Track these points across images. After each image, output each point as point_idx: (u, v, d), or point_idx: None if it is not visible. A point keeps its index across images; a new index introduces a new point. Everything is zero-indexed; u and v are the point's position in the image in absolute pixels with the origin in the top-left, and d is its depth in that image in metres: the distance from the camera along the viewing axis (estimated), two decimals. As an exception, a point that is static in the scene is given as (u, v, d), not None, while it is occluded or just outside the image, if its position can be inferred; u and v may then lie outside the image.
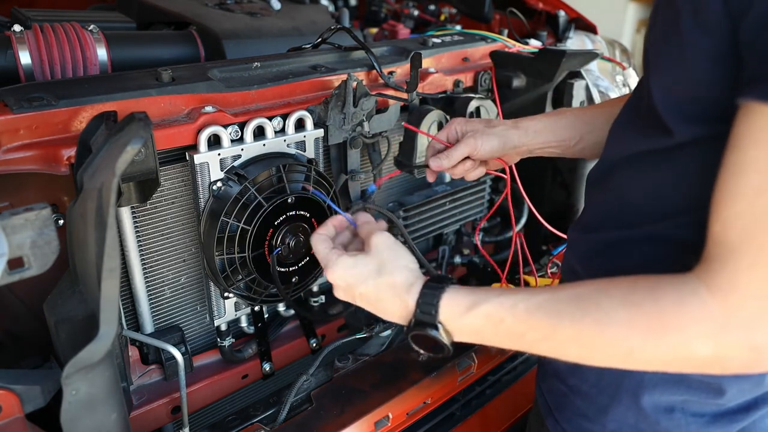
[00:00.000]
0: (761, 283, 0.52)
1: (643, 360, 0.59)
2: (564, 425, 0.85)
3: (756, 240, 0.52)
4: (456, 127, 1.01)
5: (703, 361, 0.56)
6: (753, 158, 0.51)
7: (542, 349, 0.65)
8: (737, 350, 0.55)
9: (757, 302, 0.53)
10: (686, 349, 0.56)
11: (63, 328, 0.73)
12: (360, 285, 0.73)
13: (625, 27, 4.65)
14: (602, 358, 0.62)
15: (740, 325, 0.53)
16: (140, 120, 0.66)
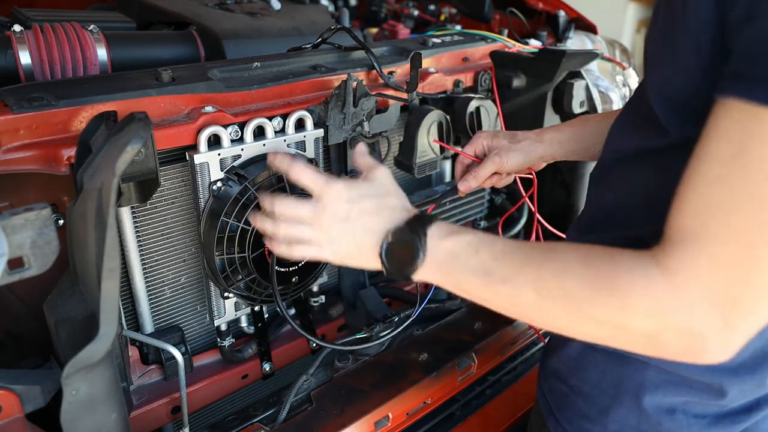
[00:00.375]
0: (706, 271, 0.53)
1: (587, 320, 0.60)
2: (565, 426, 0.85)
3: (707, 228, 0.53)
4: (482, 141, 1.04)
5: (640, 337, 0.57)
6: (715, 149, 0.52)
7: (500, 292, 0.66)
8: (673, 333, 0.55)
9: (700, 288, 0.53)
10: (626, 319, 0.57)
11: (63, 328, 0.73)
12: (364, 200, 0.75)
13: (625, 27, 4.65)
14: (552, 309, 0.62)
15: (680, 308, 0.54)
16: (140, 120, 0.66)
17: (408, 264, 0.71)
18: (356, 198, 0.75)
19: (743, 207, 0.51)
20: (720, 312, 0.53)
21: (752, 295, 0.53)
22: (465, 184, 1.03)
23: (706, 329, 0.54)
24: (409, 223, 0.72)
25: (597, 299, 0.58)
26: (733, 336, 0.54)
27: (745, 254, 0.51)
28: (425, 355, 1.12)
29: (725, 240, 0.52)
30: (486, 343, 1.19)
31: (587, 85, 1.40)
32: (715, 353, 0.55)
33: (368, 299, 1.26)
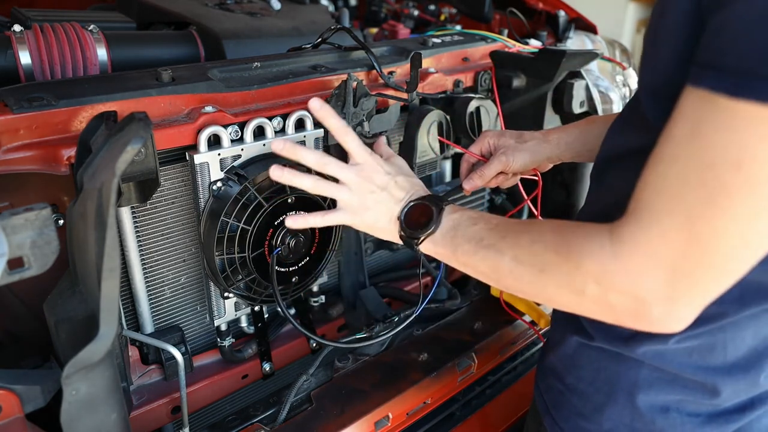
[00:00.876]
0: (654, 242, 0.56)
1: (549, 284, 0.65)
2: (561, 424, 0.85)
3: (659, 203, 0.56)
4: (489, 140, 1.04)
5: (593, 302, 0.62)
6: (675, 131, 0.55)
7: (486, 257, 0.73)
8: (620, 298, 0.59)
9: (645, 257, 0.57)
10: (579, 284, 0.61)
11: (63, 328, 0.73)
12: (398, 176, 0.85)
13: (625, 27, 4.65)
14: (524, 273, 0.68)
15: (625, 274, 0.58)
16: (140, 120, 0.66)
17: (421, 228, 0.80)
18: (393, 172, 0.86)
19: (693, 186, 0.53)
20: (662, 281, 0.56)
21: (695, 269, 0.55)
22: (470, 183, 1.03)
23: (649, 296, 0.57)
24: (430, 196, 0.83)
25: (557, 263, 0.64)
26: (675, 306, 0.57)
27: (692, 230, 0.54)
28: (425, 355, 1.12)
29: (674, 215, 0.55)
30: (486, 343, 1.19)
31: (587, 85, 1.40)
32: (660, 320, 0.59)
33: (368, 299, 1.26)
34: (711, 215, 0.53)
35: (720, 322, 0.70)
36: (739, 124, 0.50)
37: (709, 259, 0.55)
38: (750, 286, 0.67)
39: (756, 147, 0.50)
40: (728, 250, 0.54)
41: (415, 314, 1.08)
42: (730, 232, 0.53)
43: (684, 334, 0.71)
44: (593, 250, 0.60)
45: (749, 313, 0.69)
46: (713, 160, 0.52)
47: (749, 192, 0.51)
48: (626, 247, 0.58)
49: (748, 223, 0.53)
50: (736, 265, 0.56)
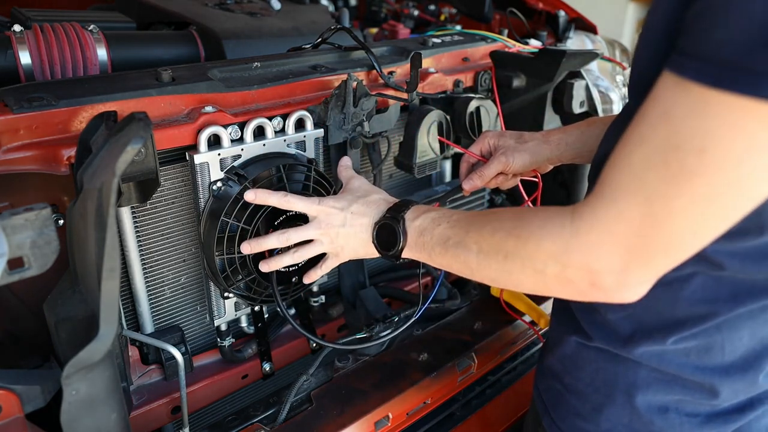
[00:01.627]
0: (611, 219, 0.58)
1: (514, 268, 0.67)
2: (559, 424, 0.85)
3: (621, 182, 0.57)
4: (489, 140, 1.04)
5: (554, 279, 0.63)
6: (649, 113, 0.56)
7: (455, 255, 0.75)
8: (578, 273, 0.61)
9: (601, 233, 0.58)
10: (540, 263, 0.64)
11: (63, 328, 0.73)
12: (352, 205, 0.89)
13: (625, 27, 4.65)
14: (490, 262, 0.70)
15: (581, 249, 0.60)
16: (140, 120, 0.66)
17: (393, 244, 0.84)
18: (346, 206, 0.89)
19: (656, 167, 0.55)
20: (617, 256, 0.58)
21: (649, 246, 0.57)
22: (470, 183, 1.03)
23: (603, 267, 0.59)
24: (390, 211, 0.86)
25: (518, 246, 0.66)
26: (628, 277, 0.59)
27: (649, 208, 0.55)
28: (425, 355, 1.12)
29: (634, 193, 0.56)
30: (486, 343, 1.19)
31: (587, 85, 1.40)
32: (613, 290, 0.61)
33: (368, 299, 1.26)
34: (670, 195, 0.54)
35: (714, 321, 0.70)
36: (709, 113, 0.51)
37: (664, 238, 0.56)
38: (743, 284, 0.67)
39: (723, 135, 0.51)
40: (682, 231, 0.56)
41: (415, 317, 1.08)
42: (687, 213, 0.55)
43: (681, 334, 0.71)
44: (552, 229, 0.62)
45: (744, 311, 0.69)
46: (679, 143, 0.53)
47: (709, 177, 0.52)
48: (585, 224, 0.60)
49: (705, 206, 0.54)
50: (688, 245, 0.58)
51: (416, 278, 1.42)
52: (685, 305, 0.70)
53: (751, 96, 0.48)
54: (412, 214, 0.83)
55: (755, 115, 0.49)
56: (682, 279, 0.69)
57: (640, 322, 0.74)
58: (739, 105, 0.49)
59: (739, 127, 0.50)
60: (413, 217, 0.83)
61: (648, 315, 0.73)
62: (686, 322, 0.71)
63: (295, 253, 0.92)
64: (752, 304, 0.69)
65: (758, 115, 0.49)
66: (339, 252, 0.91)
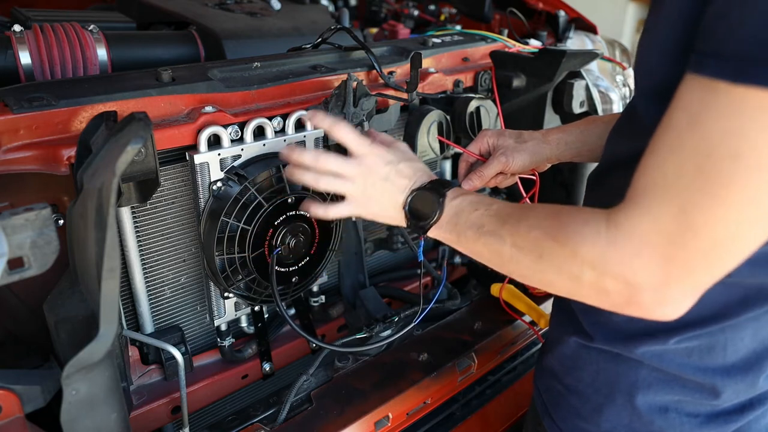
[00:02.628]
0: (648, 229, 0.56)
1: (548, 269, 0.66)
2: (560, 424, 0.85)
3: (656, 190, 0.56)
4: (487, 140, 1.04)
5: (589, 287, 0.62)
6: (675, 119, 0.55)
7: (487, 243, 0.74)
8: (614, 283, 0.59)
9: (639, 243, 0.57)
10: (576, 268, 0.62)
11: (63, 328, 0.73)
12: (400, 163, 0.85)
13: (625, 27, 4.65)
14: (523, 258, 0.69)
15: (619, 260, 0.58)
16: (140, 120, 0.66)
17: (426, 217, 0.81)
18: (394, 161, 0.85)
19: (690, 175, 0.53)
20: (655, 268, 0.56)
21: (688, 257, 0.55)
22: (469, 184, 1.02)
23: (643, 282, 0.57)
24: (433, 183, 0.83)
25: (555, 248, 0.64)
26: (667, 292, 0.57)
27: (686, 218, 0.54)
28: (425, 355, 1.12)
29: (669, 203, 0.55)
30: (486, 343, 1.19)
31: (587, 85, 1.40)
32: (652, 306, 0.59)
33: (368, 299, 1.26)
34: (706, 204, 0.53)
35: (721, 324, 0.70)
36: (739, 112, 0.50)
37: (703, 248, 0.55)
38: (752, 288, 0.67)
39: (756, 137, 0.49)
40: (722, 240, 0.54)
41: (415, 322, 1.08)
42: (725, 221, 0.53)
43: (684, 335, 0.71)
44: (589, 235, 0.61)
45: (751, 315, 0.69)
46: (711, 149, 0.52)
47: (745, 182, 0.51)
48: (621, 233, 0.58)
49: (743, 212, 0.53)
50: (729, 254, 0.56)
51: (416, 278, 1.42)
52: (693, 309, 0.70)
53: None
54: (452, 193, 0.81)
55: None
56: None
57: (644, 323, 0.74)
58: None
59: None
60: (453, 196, 0.81)
61: None
62: (692, 324, 0.70)
63: (320, 179, 0.84)
64: (759, 308, 0.68)
65: None
66: (365, 203, 0.85)
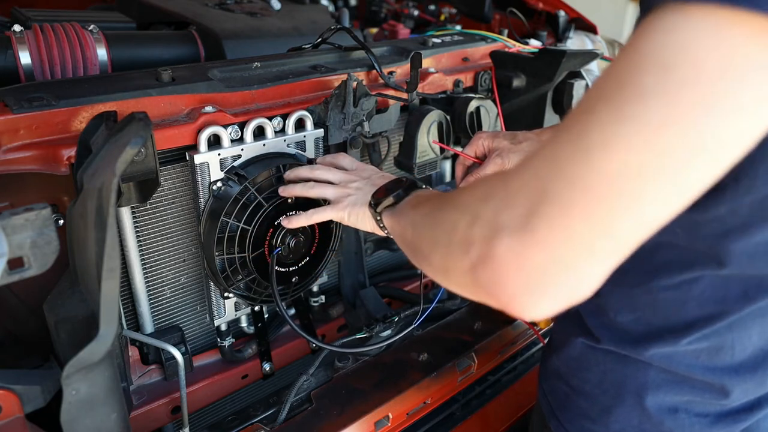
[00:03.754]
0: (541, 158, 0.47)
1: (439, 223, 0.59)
2: (567, 426, 0.85)
3: (568, 119, 0.47)
4: (483, 142, 1.04)
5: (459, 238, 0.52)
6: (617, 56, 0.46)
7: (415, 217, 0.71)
8: (480, 228, 0.49)
9: (527, 175, 0.47)
10: (456, 214, 0.54)
11: (63, 328, 0.73)
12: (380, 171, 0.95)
13: (625, 27, 4.65)
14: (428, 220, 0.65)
15: (501, 195, 0.49)
16: (140, 120, 0.66)
17: (384, 196, 0.82)
18: (382, 172, 0.95)
19: (606, 96, 0.43)
20: (527, 205, 0.45)
21: (567, 195, 0.44)
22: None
23: (506, 222, 0.46)
24: (404, 179, 0.85)
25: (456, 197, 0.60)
26: (528, 243, 0.45)
27: (581, 144, 0.43)
28: (425, 355, 1.12)
29: (572, 127, 0.45)
30: (486, 343, 1.19)
31: (587, 85, 1.40)
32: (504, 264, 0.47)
33: (368, 299, 1.26)
34: (609, 120, 0.42)
35: (727, 320, 0.69)
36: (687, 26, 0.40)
37: (590, 180, 0.43)
38: (752, 281, 0.67)
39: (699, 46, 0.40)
40: (620, 171, 0.42)
41: (416, 323, 1.08)
42: (629, 144, 0.41)
43: (693, 335, 0.71)
44: (484, 181, 0.54)
45: (755, 309, 0.68)
46: (639, 62, 0.42)
47: (670, 98, 0.40)
48: (518, 168, 0.49)
49: (656, 136, 0.40)
50: (628, 199, 0.42)
51: (416, 278, 1.42)
52: (694, 306, 0.70)
53: (745, 7, 0.38)
54: (426, 190, 0.83)
55: (747, 29, 0.39)
56: (691, 281, 0.69)
57: (650, 324, 0.73)
58: (722, 15, 0.39)
59: (722, 38, 0.39)
60: (424, 190, 0.82)
61: (658, 317, 0.73)
62: (697, 322, 0.70)
63: (311, 188, 0.94)
64: (762, 300, 0.68)
65: (751, 29, 0.39)
66: (340, 201, 0.90)
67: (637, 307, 0.73)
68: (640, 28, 0.44)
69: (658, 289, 0.71)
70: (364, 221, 0.88)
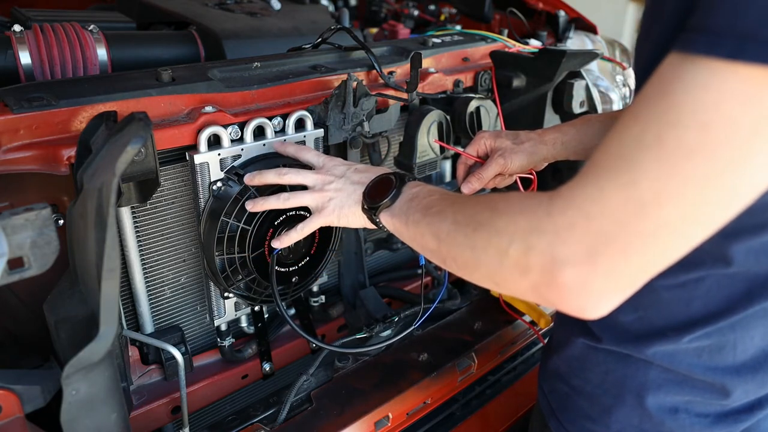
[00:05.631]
0: (588, 199, 0.51)
1: (477, 241, 0.61)
2: (567, 426, 0.85)
3: (611, 161, 0.51)
4: (485, 142, 1.04)
5: (512, 265, 0.56)
6: (647, 91, 0.51)
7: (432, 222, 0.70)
8: (538, 258, 0.53)
9: (573, 215, 0.51)
10: (504, 240, 0.57)
11: (63, 328, 0.73)
12: (356, 164, 0.90)
13: (625, 27, 4.66)
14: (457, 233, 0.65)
15: (549, 231, 0.53)
16: (140, 120, 0.66)
17: (382, 198, 0.80)
18: (350, 163, 0.91)
19: (648, 146, 0.48)
20: (587, 244, 0.50)
21: (629, 237, 0.49)
22: (469, 186, 1.02)
23: (568, 258, 0.51)
24: (394, 173, 0.83)
25: (492, 218, 0.60)
26: (592, 276, 0.51)
27: (634, 190, 0.49)
28: (425, 355, 1.12)
29: (617, 174, 0.50)
30: (486, 343, 1.19)
31: (587, 85, 1.40)
32: (574, 293, 0.52)
33: (368, 299, 1.26)
34: (661, 176, 0.47)
35: (730, 320, 0.69)
36: (720, 84, 0.46)
37: (646, 230, 0.49)
38: (757, 280, 0.67)
39: (733, 107, 0.45)
40: (670, 222, 0.48)
41: (416, 323, 1.08)
42: (678, 200, 0.48)
43: (695, 333, 0.71)
44: (529, 205, 0.56)
45: (759, 309, 0.69)
46: (678, 118, 0.47)
47: (710, 154, 0.46)
48: (560, 201, 0.53)
49: (701, 193, 0.47)
50: (673, 242, 0.50)
51: (416, 278, 1.42)
52: (699, 305, 0.70)
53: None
54: (414, 183, 0.81)
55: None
56: (696, 280, 0.69)
57: (653, 323, 0.73)
58: (755, 75, 0.44)
59: (754, 99, 0.45)
60: (414, 185, 0.80)
61: (662, 316, 0.72)
62: (701, 321, 0.70)
63: (287, 200, 0.90)
64: (766, 301, 0.68)
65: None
66: (330, 208, 0.87)
67: (640, 305, 0.73)
68: (676, 78, 0.48)
69: (662, 288, 0.71)
70: (354, 220, 0.86)
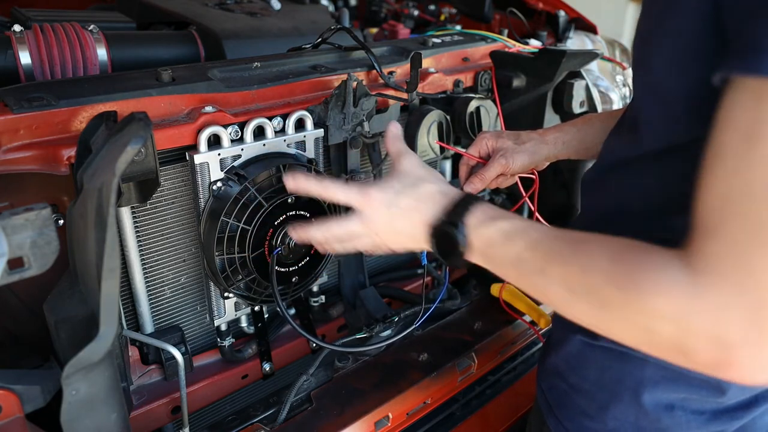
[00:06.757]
0: (735, 271, 0.48)
1: (615, 320, 0.56)
2: (565, 423, 0.85)
3: (729, 224, 0.48)
4: (486, 142, 1.04)
5: (666, 343, 0.53)
6: (728, 137, 0.49)
7: (534, 284, 0.65)
8: (700, 340, 0.50)
9: (728, 290, 0.48)
10: (651, 321, 0.53)
11: (63, 328, 0.73)
12: (401, 199, 0.75)
13: (625, 27, 4.66)
14: (581, 306, 0.59)
15: (706, 312, 0.49)
16: (140, 120, 0.66)
17: (454, 253, 0.71)
18: (393, 200, 0.75)
19: (762, 198, 0.46)
20: (749, 320, 0.48)
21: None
22: (471, 187, 1.02)
23: (738, 338, 0.48)
24: (447, 213, 0.72)
25: (621, 298, 0.54)
26: (765, 350, 0.48)
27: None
28: (425, 355, 1.12)
29: (750, 237, 0.47)
30: (486, 343, 1.19)
31: (587, 85, 1.40)
32: (748, 369, 0.50)
33: (368, 299, 1.26)
34: None
35: None
36: None
37: None
38: None
39: None
40: None
41: (417, 324, 1.08)
42: None
43: None
44: (664, 284, 0.51)
45: None
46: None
47: None
48: (705, 279, 0.49)
49: None
50: None
51: (416, 278, 1.42)
52: None
53: None
54: (475, 218, 0.69)
55: None
56: None
57: None
58: None
59: None
60: (478, 223, 0.69)
61: None
62: None
63: (342, 244, 0.81)
64: None
65: None
66: (383, 245, 0.79)
67: None
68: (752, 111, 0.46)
69: None
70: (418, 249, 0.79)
